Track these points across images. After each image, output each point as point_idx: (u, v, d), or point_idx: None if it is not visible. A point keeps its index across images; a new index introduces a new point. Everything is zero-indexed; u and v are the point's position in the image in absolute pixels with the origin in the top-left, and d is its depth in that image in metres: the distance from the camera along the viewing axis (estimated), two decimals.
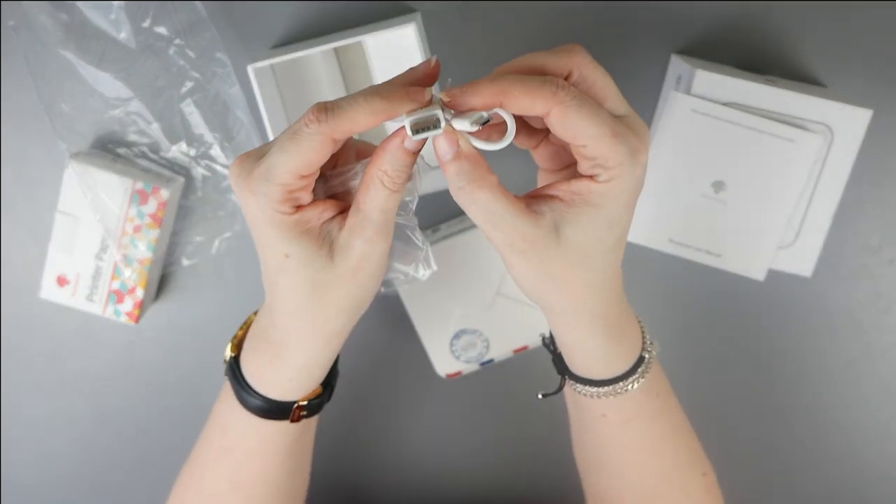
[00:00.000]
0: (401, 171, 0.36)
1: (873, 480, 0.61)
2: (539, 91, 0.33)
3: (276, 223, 0.36)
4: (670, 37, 0.52)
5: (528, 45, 0.53)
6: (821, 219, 0.49)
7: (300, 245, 0.36)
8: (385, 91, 0.34)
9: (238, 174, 0.36)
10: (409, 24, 0.46)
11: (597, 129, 0.34)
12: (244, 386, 0.42)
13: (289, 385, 0.42)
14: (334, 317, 0.39)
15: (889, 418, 0.59)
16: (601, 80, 0.36)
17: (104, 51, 0.53)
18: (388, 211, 0.37)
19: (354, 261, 0.37)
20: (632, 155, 0.34)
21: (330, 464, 0.64)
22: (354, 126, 0.34)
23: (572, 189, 0.36)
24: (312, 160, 0.34)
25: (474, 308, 0.54)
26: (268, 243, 0.37)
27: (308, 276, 0.37)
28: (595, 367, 0.42)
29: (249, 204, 0.36)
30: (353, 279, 0.38)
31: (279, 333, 0.40)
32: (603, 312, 0.39)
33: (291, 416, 0.43)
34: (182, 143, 0.55)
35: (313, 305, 0.38)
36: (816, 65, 0.52)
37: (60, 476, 0.64)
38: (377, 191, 0.36)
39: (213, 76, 0.54)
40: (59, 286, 0.56)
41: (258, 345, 0.42)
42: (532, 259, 0.36)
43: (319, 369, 0.42)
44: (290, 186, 0.35)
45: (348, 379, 0.61)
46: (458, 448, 0.63)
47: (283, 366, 0.41)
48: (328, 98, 0.52)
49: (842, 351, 0.58)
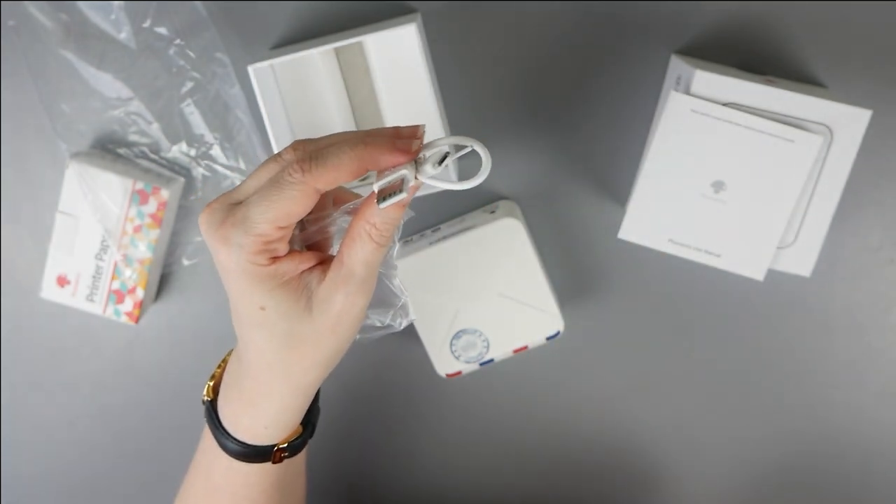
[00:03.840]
0: (390, 225, 0.35)
1: (873, 480, 0.61)
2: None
3: (250, 275, 0.34)
4: (670, 37, 0.52)
5: (528, 45, 0.53)
6: (820, 219, 0.49)
7: (277, 297, 0.35)
8: (371, 139, 0.33)
9: (209, 222, 0.34)
10: (409, 24, 0.46)
11: None
12: (222, 431, 0.41)
13: (265, 432, 0.40)
14: (310, 369, 0.38)
15: (889, 418, 0.59)
16: None
17: (104, 51, 0.53)
18: (373, 265, 0.35)
19: (335, 315, 0.36)
20: None
21: (330, 464, 0.64)
22: (340, 176, 0.33)
23: None
24: (294, 211, 0.33)
25: (474, 308, 0.54)
26: (241, 295, 0.35)
27: (284, 329, 0.36)
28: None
29: (221, 254, 0.34)
30: (331, 333, 0.36)
31: (251, 383, 0.39)
32: None
33: (273, 459, 0.42)
34: (182, 144, 0.55)
35: (288, 359, 0.37)
36: (816, 65, 0.52)
37: (60, 476, 0.64)
38: (363, 244, 0.35)
39: (214, 76, 0.54)
40: (60, 286, 0.56)
41: (231, 393, 0.41)
42: None
43: (296, 415, 0.41)
44: (268, 237, 0.33)
45: (348, 379, 0.62)
46: (457, 448, 0.63)
47: (257, 414, 0.40)
48: (329, 98, 0.53)
49: (842, 351, 0.58)
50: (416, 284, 0.53)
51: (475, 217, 0.54)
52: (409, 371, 0.61)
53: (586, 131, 0.55)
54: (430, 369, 0.56)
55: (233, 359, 0.41)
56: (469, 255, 0.53)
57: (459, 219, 0.56)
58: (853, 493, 0.61)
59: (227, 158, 0.56)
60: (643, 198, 0.49)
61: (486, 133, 0.55)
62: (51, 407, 0.62)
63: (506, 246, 0.52)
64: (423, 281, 0.53)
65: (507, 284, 0.53)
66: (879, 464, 0.60)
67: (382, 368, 0.61)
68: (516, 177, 0.56)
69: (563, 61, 0.53)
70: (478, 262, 0.53)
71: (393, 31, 0.47)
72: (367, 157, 0.33)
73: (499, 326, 0.54)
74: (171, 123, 0.55)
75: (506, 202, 0.56)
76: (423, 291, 0.54)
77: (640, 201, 0.49)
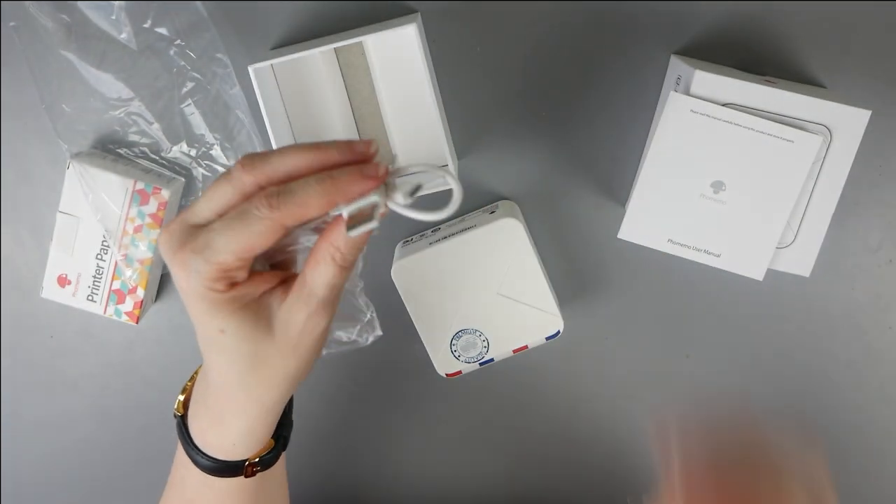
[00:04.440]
0: (355, 250, 0.34)
1: (873, 480, 0.61)
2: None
3: (208, 300, 0.34)
4: (670, 37, 0.52)
5: (528, 45, 0.53)
6: (820, 219, 0.49)
7: (236, 321, 0.35)
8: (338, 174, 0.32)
9: (168, 243, 0.34)
10: (409, 24, 0.46)
11: None
12: (192, 446, 0.41)
13: (234, 449, 0.40)
14: (273, 388, 0.38)
15: (889, 418, 0.59)
16: None
17: (105, 51, 0.53)
18: (336, 288, 0.35)
19: (295, 335, 0.36)
20: None
21: (329, 463, 0.64)
22: (307, 213, 0.32)
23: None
24: (258, 245, 0.33)
25: (474, 308, 0.54)
26: (201, 319, 0.35)
27: (246, 351, 0.36)
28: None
29: (180, 279, 0.34)
30: (293, 353, 0.36)
31: (215, 402, 0.39)
32: None
33: (245, 473, 0.41)
34: (183, 144, 0.56)
35: (251, 380, 0.37)
36: (816, 65, 0.52)
37: (61, 476, 0.64)
38: (326, 267, 0.34)
39: (214, 76, 0.54)
40: (60, 286, 0.56)
41: (199, 409, 0.41)
42: None
43: (264, 431, 0.41)
44: (227, 267, 0.33)
45: (348, 379, 0.62)
46: (457, 448, 0.63)
47: (224, 432, 0.40)
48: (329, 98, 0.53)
49: (841, 351, 0.58)
50: (416, 284, 0.53)
51: (475, 217, 0.55)
52: (409, 371, 0.61)
53: (586, 131, 0.55)
54: (430, 369, 0.56)
55: (200, 375, 0.41)
56: (469, 255, 0.53)
57: (459, 219, 0.56)
58: (853, 493, 0.61)
59: (228, 159, 0.56)
60: (643, 198, 0.49)
61: (485, 133, 0.55)
62: (51, 407, 0.62)
63: (506, 246, 0.52)
64: (423, 281, 0.53)
65: (507, 284, 0.53)
66: (879, 464, 0.60)
67: (382, 368, 0.61)
68: (516, 177, 0.56)
69: (563, 61, 0.53)
70: (478, 262, 0.53)
71: (393, 31, 0.47)
72: (336, 191, 0.32)
73: (499, 326, 0.54)
74: (172, 124, 0.55)
75: (506, 202, 0.56)
76: (423, 291, 0.54)
77: (639, 201, 0.49)
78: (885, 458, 0.60)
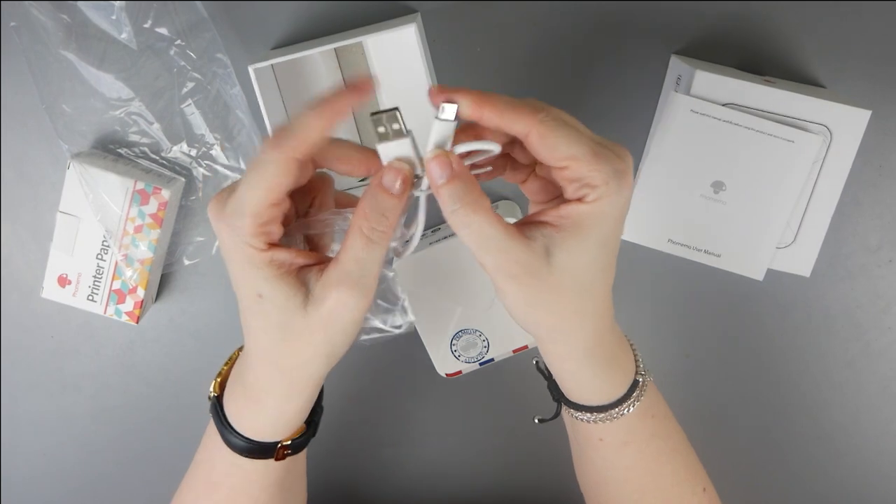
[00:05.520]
0: (381, 217, 0.35)
1: (873, 480, 0.61)
2: (520, 108, 0.34)
3: (249, 259, 0.35)
4: (670, 37, 0.52)
5: (527, 46, 0.53)
6: (820, 219, 0.49)
7: (274, 287, 0.36)
8: (328, 92, 0.34)
9: (214, 209, 0.36)
10: (409, 24, 0.46)
11: (577, 148, 0.34)
12: (227, 426, 0.42)
13: (268, 429, 0.41)
14: (302, 365, 0.38)
15: (889, 418, 0.59)
16: (571, 121, 0.36)
17: (105, 51, 0.53)
18: (366, 264, 0.35)
19: (326, 313, 0.36)
20: (616, 175, 0.34)
21: (330, 463, 0.64)
22: (308, 136, 0.33)
23: (561, 213, 0.35)
24: (278, 185, 0.34)
25: (474, 308, 0.54)
26: (243, 281, 0.36)
27: (280, 320, 0.36)
28: (589, 395, 0.41)
29: (224, 238, 0.35)
30: (322, 331, 0.36)
31: (252, 378, 0.40)
32: (595, 341, 0.39)
33: (276, 456, 0.42)
34: (183, 144, 0.56)
35: (282, 351, 0.37)
36: (816, 65, 0.52)
37: (61, 475, 0.64)
38: (354, 240, 0.35)
39: (214, 77, 0.54)
40: (61, 286, 0.56)
41: (236, 388, 0.42)
42: (523, 285, 0.36)
43: (297, 414, 0.41)
44: (261, 217, 0.34)
45: (348, 379, 0.62)
46: (457, 448, 0.63)
47: (260, 411, 0.40)
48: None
49: (841, 351, 0.58)
50: (417, 284, 0.53)
51: None
52: (409, 371, 0.61)
53: None
54: (430, 369, 0.56)
55: (240, 358, 0.42)
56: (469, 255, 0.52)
57: None
58: (853, 492, 0.61)
59: (228, 158, 0.56)
60: (643, 198, 0.49)
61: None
62: (51, 407, 0.62)
63: None
64: (423, 281, 0.53)
65: None
66: (879, 463, 0.60)
67: (382, 368, 0.61)
68: None
69: (563, 61, 0.53)
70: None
71: (393, 31, 0.47)
72: (328, 107, 0.33)
73: (499, 326, 0.54)
74: (172, 124, 0.55)
75: (506, 202, 0.56)
76: (423, 291, 0.54)
77: (640, 201, 0.49)
78: (885, 458, 0.60)
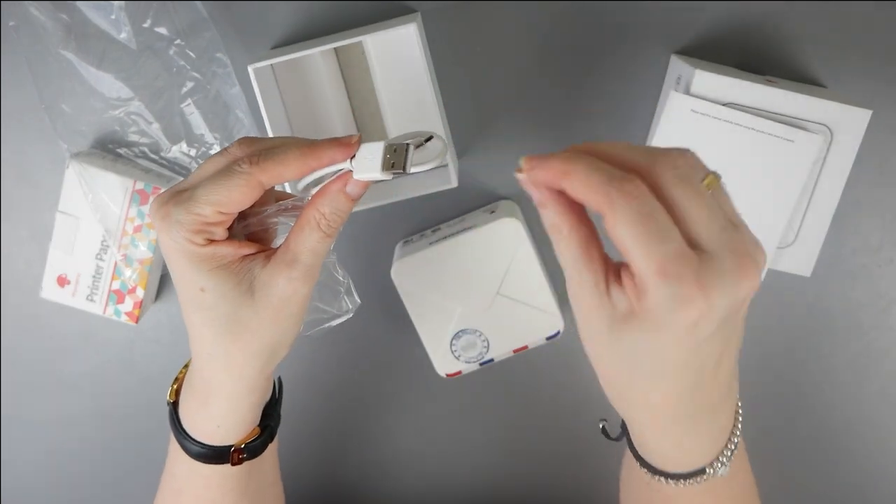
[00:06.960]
0: (338, 216, 0.36)
1: (873, 480, 0.61)
2: (597, 187, 0.29)
3: (188, 254, 0.35)
4: (670, 37, 0.52)
5: (527, 45, 0.53)
6: (820, 219, 0.49)
7: (216, 279, 0.36)
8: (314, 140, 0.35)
9: (155, 203, 0.36)
10: (409, 24, 0.46)
11: (643, 259, 0.28)
12: (181, 431, 0.42)
13: (218, 432, 0.41)
14: (251, 359, 0.38)
15: (889, 418, 0.59)
16: (685, 200, 0.29)
17: (105, 51, 0.53)
18: (319, 254, 0.37)
19: (276, 300, 0.36)
20: (673, 302, 0.28)
21: (329, 463, 0.64)
22: (285, 171, 0.35)
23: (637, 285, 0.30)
24: (237, 199, 0.35)
25: (474, 308, 0.54)
26: (182, 276, 0.36)
27: (225, 311, 0.36)
28: (671, 463, 0.37)
29: (161, 232, 0.36)
30: (272, 319, 0.37)
31: (199, 380, 0.40)
32: (682, 417, 0.34)
33: (231, 460, 0.42)
34: (182, 144, 0.56)
35: (230, 346, 0.37)
36: (816, 65, 0.52)
37: (61, 476, 0.64)
38: (311, 232, 0.36)
39: (214, 76, 0.54)
40: (60, 286, 0.56)
41: (186, 393, 0.42)
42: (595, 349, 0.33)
43: (248, 414, 0.41)
44: (206, 218, 0.35)
45: (348, 378, 0.62)
46: (457, 448, 0.63)
47: (209, 414, 0.40)
48: (329, 98, 0.53)
49: (842, 351, 0.58)
50: (416, 284, 0.53)
51: (475, 217, 0.54)
52: (409, 371, 0.61)
53: (586, 131, 0.55)
54: (430, 369, 0.56)
55: (191, 361, 0.42)
56: (469, 255, 0.53)
57: (459, 219, 0.56)
58: (853, 492, 0.61)
59: None
60: None
61: (485, 133, 0.55)
62: (51, 407, 0.62)
63: (506, 246, 0.52)
64: (423, 281, 0.53)
65: (507, 284, 0.53)
66: (879, 463, 0.60)
67: (382, 368, 0.61)
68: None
69: (563, 61, 0.53)
70: (478, 262, 0.53)
71: (393, 31, 0.47)
72: (312, 154, 0.35)
73: (499, 326, 0.54)
74: (172, 123, 0.55)
75: (506, 202, 0.56)
76: (423, 291, 0.54)
77: None
78: (885, 457, 0.60)
